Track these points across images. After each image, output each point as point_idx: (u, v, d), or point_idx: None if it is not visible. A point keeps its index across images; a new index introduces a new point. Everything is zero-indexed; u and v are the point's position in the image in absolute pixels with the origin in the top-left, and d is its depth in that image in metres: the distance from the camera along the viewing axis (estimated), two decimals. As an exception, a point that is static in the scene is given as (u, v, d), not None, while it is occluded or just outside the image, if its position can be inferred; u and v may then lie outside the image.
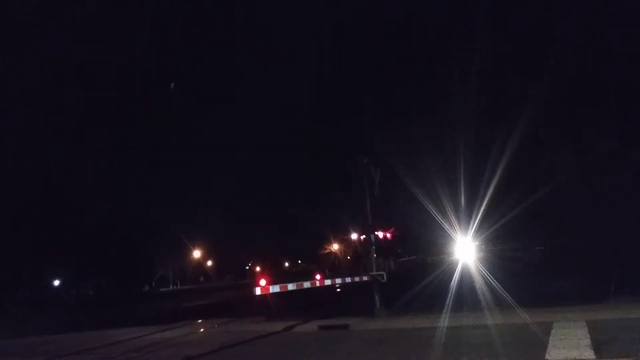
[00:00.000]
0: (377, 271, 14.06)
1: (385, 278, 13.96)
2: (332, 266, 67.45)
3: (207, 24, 52.62)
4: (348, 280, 15.62)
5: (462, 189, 22.49)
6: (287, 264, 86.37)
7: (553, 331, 8.77)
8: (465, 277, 18.77)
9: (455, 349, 8.45)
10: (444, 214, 19.77)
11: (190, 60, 52.01)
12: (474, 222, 20.41)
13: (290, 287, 12.88)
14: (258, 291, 11.72)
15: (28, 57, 41.93)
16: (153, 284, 64.01)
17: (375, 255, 14.54)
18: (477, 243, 37.37)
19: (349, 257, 67.80)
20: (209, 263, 74.32)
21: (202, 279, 78.02)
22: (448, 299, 13.98)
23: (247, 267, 74.70)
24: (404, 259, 59.71)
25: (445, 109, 34.86)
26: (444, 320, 11.13)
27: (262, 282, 11.92)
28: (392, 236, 15.16)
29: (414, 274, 29.72)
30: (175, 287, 74.29)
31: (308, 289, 13.68)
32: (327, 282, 15.42)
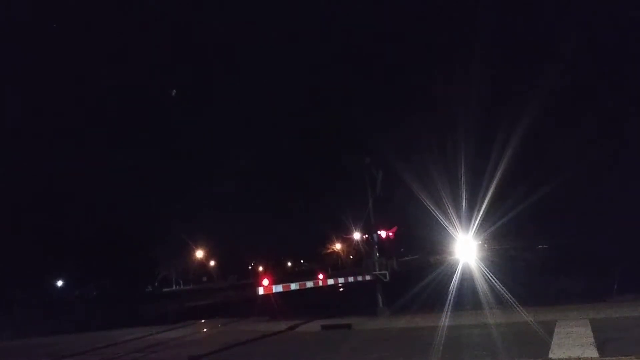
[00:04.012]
0: (379, 270, 14.06)
1: (388, 277, 13.96)
2: (334, 266, 67.59)
3: (207, 22, 52.64)
4: (351, 279, 15.62)
5: (464, 187, 22.43)
6: (289, 264, 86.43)
7: (556, 330, 8.75)
8: (467, 276, 18.75)
9: (457, 348, 8.44)
10: (445, 212, 19.72)
11: (190, 59, 52.06)
12: (476, 221, 20.36)
13: (293, 286, 12.91)
14: (261, 291, 11.74)
15: (29, 58, 42.05)
16: (156, 284, 64.11)
17: (377, 254, 14.54)
18: (479, 242, 37.29)
19: (351, 257, 67.87)
20: (212, 263, 74.43)
21: (204, 279, 78.14)
22: (449, 298, 13.97)
23: (250, 267, 74.78)
24: (406, 258, 59.75)
25: (446, 106, 34.79)
26: (446, 319, 11.13)
27: (265, 281, 11.94)
28: (395, 235, 15.15)
29: (416, 273, 29.70)
30: (178, 287, 74.44)
31: (311, 288, 13.71)
32: (330, 281, 15.44)
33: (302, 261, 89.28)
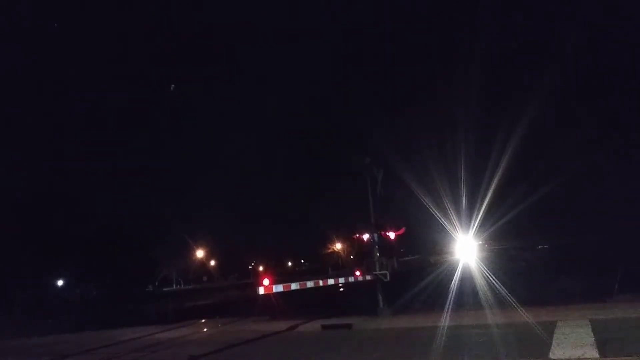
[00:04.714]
0: (380, 270, 14.06)
1: (388, 277, 13.96)
2: (335, 265, 67.65)
3: (207, 22, 52.67)
4: (351, 279, 15.62)
5: (464, 186, 22.41)
6: (290, 264, 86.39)
7: (557, 330, 8.75)
8: (467, 276, 18.75)
9: (457, 348, 8.44)
10: (445, 212, 19.71)
11: (190, 59, 52.05)
12: (476, 221, 20.35)
13: (294, 286, 12.91)
14: (261, 291, 11.73)
15: (29, 58, 42.10)
16: (156, 284, 64.08)
17: (378, 254, 14.54)
18: (479, 242, 37.30)
19: (352, 257, 67.82)
20: (212, 263, 74.43)
21: (205, 278, 78.14)
22: (449, 298, 13.98)
23: (250, 267, 74.77)
24: (406, 258, 59.69)
25: (446, 106, 34.81)
26: (446, 319, 11.13)
27: (266, 281, 11.93)
28: (397, 236, 15.15)
29: (416, 273, 29.71)
30: (178, 287, 74.46)
31: (311, 288, 13.72)
32: (331, 281, 15.45)
33: (302, 261, 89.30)
